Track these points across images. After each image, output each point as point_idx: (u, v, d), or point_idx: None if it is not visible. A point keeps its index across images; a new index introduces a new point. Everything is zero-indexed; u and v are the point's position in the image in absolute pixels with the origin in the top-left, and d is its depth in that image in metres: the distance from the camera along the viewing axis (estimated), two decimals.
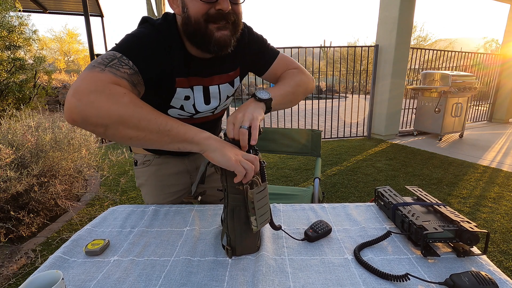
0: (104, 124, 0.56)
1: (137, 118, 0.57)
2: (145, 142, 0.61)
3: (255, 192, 0.63)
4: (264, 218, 0.66)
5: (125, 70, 0.62)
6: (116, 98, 0.56)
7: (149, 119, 0.59)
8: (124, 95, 0.57)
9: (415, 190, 0.92)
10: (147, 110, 0.59)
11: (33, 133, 2.33)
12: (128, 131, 0.58)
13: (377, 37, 4.86)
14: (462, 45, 14.63)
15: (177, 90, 0.77)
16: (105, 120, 0.55)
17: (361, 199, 2.61)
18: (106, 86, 0.56)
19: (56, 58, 21.37)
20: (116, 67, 0.61)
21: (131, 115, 0.57)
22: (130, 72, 0.63)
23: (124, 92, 0.58)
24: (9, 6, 4.40)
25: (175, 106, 0.81)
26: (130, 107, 0.57)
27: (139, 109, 0.58)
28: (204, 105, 0.85)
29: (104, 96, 0.55)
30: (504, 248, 1.86)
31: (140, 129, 0.58)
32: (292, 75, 0.89)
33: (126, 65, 0.62)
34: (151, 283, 0.61)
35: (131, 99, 0.58)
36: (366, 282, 0.60)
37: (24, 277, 1.60)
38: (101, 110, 0.54)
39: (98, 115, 0.54)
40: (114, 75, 0.59)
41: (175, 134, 0.61)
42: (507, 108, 6.43)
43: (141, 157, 1.02)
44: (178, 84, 0.77)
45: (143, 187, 1.05)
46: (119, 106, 0.56)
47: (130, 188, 2.95)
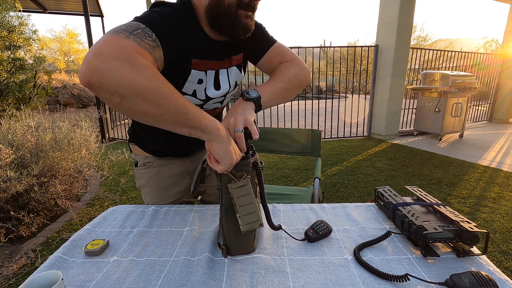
0: (123, 94, 0.53)
1: (157, 94, 0.55)
2: (159, 120, 0.59)
3: (233, 187, 0.63)
4: (251, 220, 0.64)
5: (149, 41, 0.60)
6: (140, 69, 0.53)
7: (169, 97, 0.57)
8: (148, 68, 0.55)
9: (415, 190, 0.92)
10: (169, 88, 0.57)
11: (33, 133, 2.33)
12: (145, 105, 0.55)
13: (377, 37, 4.86)
14: (462, 45, 14.62)
15: (191, 72, 0.75)
16: (124, 89, 0.52)
17: (361, 199, 2.61)
18: (131, 54, 0.54)
19: (56, 58, 21.36)
20: (140, 36, 0.58)
21: (152, 89, 0.54)
22: (152, 44, 0.61)
23: (148, 65, 0.55)
24: (9, 6, 4.40)
25: (187, 92, 0.79)
26: (153, 81, 0.55)
27: (161, 85, 0.56)
28: (214, 90, 0.84)
29: (128, 64, 0.52)
30: (504, 248, 1.86)
31: (158, 106, 0.56)
32: (285, 69, 0.87)
33: (150, 37, 0.60)
34: (151, 283, 0.61)
35: (154, 73, 0.55)
36: (366, 282, 0.60)
37: (24, 277, 1.60)
38: (123, 78, 0.51)
39: (118, 83, 0.51)
40: (138, 44, 0.57)
41: (191, 118, 0.60)
42: (507, 108, 6.42)
43: (141, 158, 1.01)
44: (194, 65, 0.75)
45: (144, 188, 1.04)
46: (142, 78, 0.53)
47: (130, 188, 2.95)
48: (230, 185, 0.63)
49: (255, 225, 0.65)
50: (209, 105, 0.87)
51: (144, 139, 0.98)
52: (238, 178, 0.64)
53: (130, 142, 1.02)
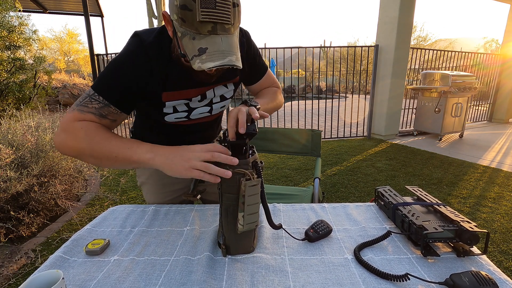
0: (74, 155, 0.70)
1: (89, 150, 0.68)
2: (106, 166, 0.71)
3: (248, 185, 0.62)
4: (252, 220, 0.65)
5: (94, 105, 0.70)
6: (74, 134, 0.68)
7: (99, 149, 0.68)
8: (80, 130, 0.68)
9: (415, 190, 0.92)
10: (98, 140, 0.68)
11: (33, 133, 2.33)
12: (89, 159, 0.70)
13: (377, 37, 4.86)
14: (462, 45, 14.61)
15: (165, 104, 0.80)
16: (72, 152, 0.70)
17: (361, 199, 2.61)
18: (69, 124, 0.69)
19: (56, 58, 21.36)
20: (85, 104, 0.70)
21: (85, 147, 0.68)
22: (98, 106, 0.71)
23: (81, 127, 0.68)
24: (9, 6, 4.40)
25: (168, 112, 0.83)
26: (85, 141, 0.68)
27: (91, 141, 0.68)
28: (198, 102, 0.86)
29: (68, 134, 0.69)
30: (504, 248, 1.86)
31: (95, 157, 0.69)
32: (274, 93, 0.98)
33: (96, 100, 0.70)
34: (151, 283, 0.61)
35: (85, 133, 0.68)
36: (366, 281, 0.60)
37: (24, 277, 1.60)
38: (67, 146, 0.69)
39: (67, 151, 0.70)
40: (80, 112, 0.70)
41: (122, 158, 0.68)
42: (507, 108, 6.43)
43: None
44: (166, 98, 0.79)
45: (144, 186, 1.05)
46: (77, 141, 0.68)
47: (130, 188, 2.95)
48: (246, 182, 0.61)
49: (252, 226, 0.66)
50: (195, 115, 0.89)
51: (145, 138, 0.98)
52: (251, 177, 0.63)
53: None
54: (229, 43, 0.62)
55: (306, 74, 7.60)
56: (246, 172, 0.63)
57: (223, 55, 0.60)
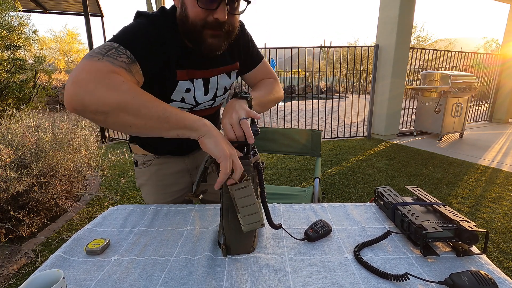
0: (104, 112, 0.56)
1: (137, 105, 0.58)
2: (144, 129, 0.61)
3: (234, 188, 0.62)
4: (253, 220, 0.64)
5: (123, 59, 0.62)
6: (115, 86, 0.57)
7: (148, 106, 0.59)
8: (123, 83, 0.58)
9: (414, 190, 0.92)
10: (147, 97, 0.60)
11: (33, 133, 2.33)
12: (128, 117, 0.58)
13: (377, 37, 4.86)
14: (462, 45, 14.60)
15: (178, 83, 0.78)
16: (105, 107, 0.56)
17: (361, 199, 2.61)
18: (104, 75, 0.57)
19: (56, 58, 21.36)
20: (114, 56, 0.61)
21: (130, 102, 0.57)
22: (127, 61, 0.63)
23: (123, 81, 0.59)
24: (9, 6, 4.40)
25: (175, 99, 0.82)
26: (130, 94, 0.58)
27: (139, 96, 0.59)
28: (203, 96, 0.86)
29: (103, 85, 0.56)
30: (504, 248, 1.86)
31: (139, 116, 0.59)
32: (270, 84, 0.95)
33: (124, 54, 0.63)
34: (152, 282, 0.61)
35: (130, 87, 0.59)
36: (366, 281, 0.60)
37: (24, 277, 1.61)
38: (100, 98, 0.55)
39: (97, 103, 0.55)
40: (112, 64, 0.60)
41: (174, 120, 0.61)
42: (507, 108, 6.43)
43: (141, 157, 1.02)
44: (179, 76, 0.78)
45: (144, 187, 1.05)
46: (119, 93, 0.57)
47: (130, 188, 2.95)
48: (231, 186, 0.62)
49: (257, 226, 0.65)
50: (199, 108, 0.89)
51: (143, 138, 0.99)
52: (239, 180, 0.64)
53: (130, 141, 1.02)
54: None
55: (306, 74, 7.61)
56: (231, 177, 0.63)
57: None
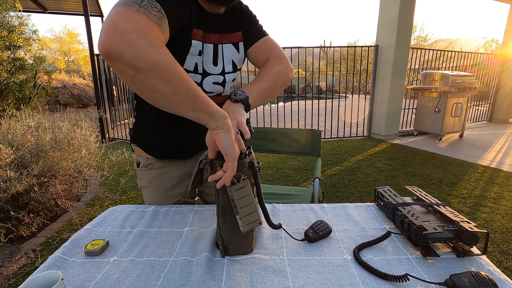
0: (138, 67, 0.54)
1: (171, 72, 0.56)
2: (169, 100, 0.59)
3: (234, 189, 0.62)
4: (251, 220, 0.64)
5: (155, 13, 0.60)
6: (155, 46, 0.55)
7: (181, 78, 0.58)
8: (162, 47, 0.56)
9: (415, 190, 0.92)
10: (182, 70, 0.59)
11: (33, 133, 2.33)
12: (158, 82, 0.56)
13: (377, 37, 4.86)
14: (462, 45, 14.61)
15: (192, 42, 0.76)
16: (141, 63, 0.53)
17: (361, 199, 2.61)
18: (146, 31, 0.55)
19: (56, 58, 21.37)
20: (148, 9, 0.59)
21: (167, 67, 0.56)
22: (159, 15, 0.61)
23: (162, 45, 0.57)
24: (9, 6, 4.40)
25: (189, 68, 0.80)
26: (168, 60, 0.56)
27: (175, 65, 0.57)
28: (212, 65, 0.85)
29: (145, 40, 0.54)
30: (504, 248, 1.86)
31: (170, 84, 0.57)
32: (270, 67, 0.89)
33: (155, 7, 0.61)
34: (151, 283, 0.61)
35: (168, 53, 0.57)
36: (366, 282, 0.60)
37: (24, 277, 1.60)
38: (140, 51, 0.53)
39: (135, 55, 0.53)
40: (148, 18, 0.58)
41: (200, 102, 0.60)
42: (507, 108, 6.43)
43: (143, 159, 1.01)
44: (194, 35, 0.76)
45: (145, 189, 1.04)
46: (158, 54, 0.55)
47: (130, 188, 2.95)
48: (230, 187, 0.62)
49: (255, 224, 0.65)
50: (208, 84, 0.87)
51: (145, 141, 0.98)
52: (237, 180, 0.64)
53: (132, 143, 1.02)
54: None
55: (306, 74, 7.61)
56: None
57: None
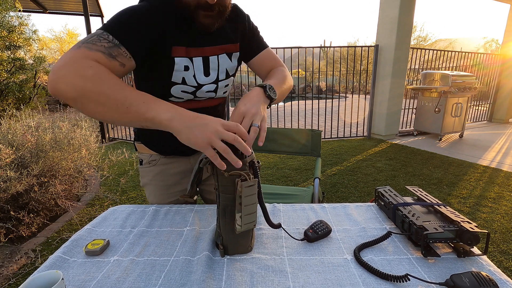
0: (72, 97, 0.57)
1: (97, 92, 0.57)
2: (109, 118, 0.60)
3: (244, 186, 0.61)
4: (250, 220, 0.65)
5: (102, 43, 0.63)
6: (81, 71, 0.57)
7: (108, 94, 0.58)
8: (89, 68, 0.58)
9: (415, 190, 0.92)
10: (110, 84, 0.59)
11: (33, 133, 2.33)
12: (91, 105, 0.58)
13: (377, 37, 4.86)
14: (462, 45, 14.62)
15: (175, 60, 0.78)
16: (71, 93, 0.57)
17: (361, 199, 2.61)
18: (76, 61, 0.59)
19: (56, 58, 21.34)
20: (93, 42, 0.63)
21: (91, 88, 0.57)
22: (108, 45, 0.64)
23: (91, 66, 0.59)
24: (9, 6, 4.40)
25: (176, 81, 0.81)
26: (93, 81, 0.57)
27: (102, 82, 0.58)
28: (204, 76, 0.85)
29: (72, 70, 0.57)
30: (504, 248, 1.86)
31: (101, 104, 0.58)
32: (282, 72, 0.92)
33: (105, 39, 0.64)
34: (151, 283, 0.61)
35: (96, 72, 0.58)
36: (366, 282, 0.60)
37: (24, 277, 1.60)
38: (68, 83, 0.56)
39: (65, 88, 0.57)
40: (88, 49, 0.61)
41: (134, 112, 0.59)
42: (507, 108, 6.43)
43: (146, 156, 1.01)
44: (175, 53, 0.78)
45: (147, 186, 1.04)
46: (83, 79, 0.57)
47: (130, 188, 2.95)
48: (242, 183, 0.61)
49: (251, 226, 0.66)
50: (201, 93, 0.88)
51: (149, 137, 0.99)
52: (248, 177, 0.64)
53: (136, 140, 1.03)
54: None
55: (306, 74, 7.61)
56: (242, 173, 0.63)
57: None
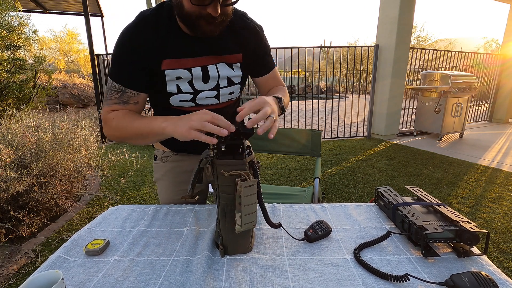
0: (119, 141, 0.83)
1: (123, 134, 0.80)
2: (142, 143, 0.81)
3: (244, 185, 0.62)
4: (250, 220, 0.65)
5: (115, 96, 0.80)
6: (109, 125, 0.81)
7: (128, 132, 0.78)
8: (112, 121, 0.80)
9: (415, 190, 0.92)
10: (126, 124, 0.78)
11: (33, 133, 2.33)
12: (129, 141, 0.82)
13: (377, 37, 4.85)
14: (462, 45, 14.62)
15: (165, 72, 0.81)
16: (115, 139, 0.83)
17: (361, 199, 2.61)
18: (104, 118, 0.82)
19: (56, 58, 21.36)
20: (109, 97, 0.81)
21: (119, 135, 0.81)
22: (118, 95, 0.81)
23: (112, 118, 0.80)
24: (9, 6, 4.40)
25: (172, 91, 0.85)
26: (117, 130, 0.80)
27: (121, 128, 0.79)
28: (202, 83, 0.86)
29: (106, 125, 0.82)
30: (504, 248, 1.86)
31: (129, 138, 0.80)
32: (283, 91, 0.98)
33: (115, 90, 0.80)
34: (151, 283, 0.61)
35: (116, 122, 0.79)
36: (366, 282, 0.60)
37: (24, 277, 1.60)
38: (108, 135, 0.83)
39: (112, 138, 0.83)
40: (107, 106, 0.82)
41: (147, 133, 0.76)
42: (507, 108, 6.42)
43: (160, 152, 1.06)
44: (165, 66, 0.81)
45: (159, 182, 1.08)
46: (112, 131, 0.81)
47: (130, 188, 2.95)
48: (241, 183, 0.62)
49: (250, 226, 0.66)
50: (201, 99, 0.89)
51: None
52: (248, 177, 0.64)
53: None
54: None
55: (306, 74, 7.61)
56: (242, 173, 0.63)
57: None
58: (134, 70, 0.80)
